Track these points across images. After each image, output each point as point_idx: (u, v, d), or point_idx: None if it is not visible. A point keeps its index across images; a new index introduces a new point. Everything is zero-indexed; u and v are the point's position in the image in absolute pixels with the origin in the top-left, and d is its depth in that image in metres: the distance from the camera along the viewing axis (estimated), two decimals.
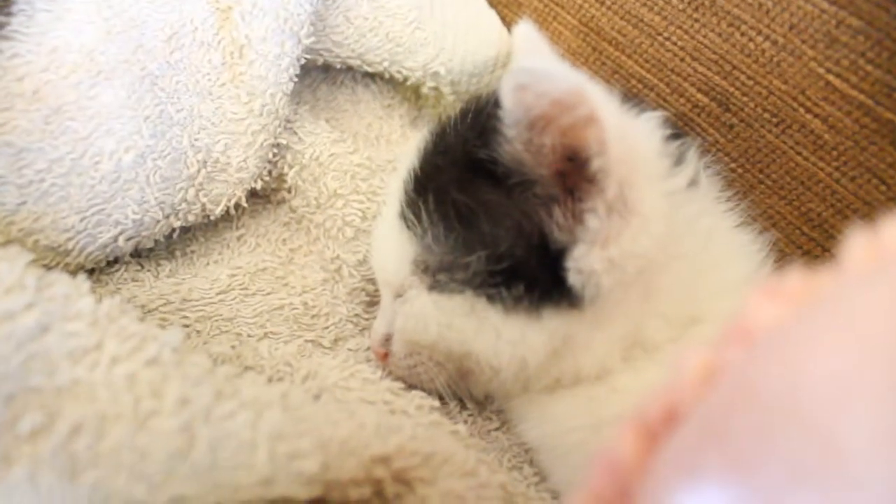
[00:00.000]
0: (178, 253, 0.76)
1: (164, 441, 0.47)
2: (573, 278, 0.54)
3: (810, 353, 0.29)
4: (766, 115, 0.70)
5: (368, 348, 0.72)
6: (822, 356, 0.28)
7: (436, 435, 0.53)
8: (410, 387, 0.65)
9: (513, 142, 0.54)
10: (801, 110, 0.67)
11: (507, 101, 0.51)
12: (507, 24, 0.91)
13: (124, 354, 0.51)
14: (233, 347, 0.66)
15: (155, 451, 0.47)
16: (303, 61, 0.75)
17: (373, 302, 0.76)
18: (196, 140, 0.70)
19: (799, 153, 0.69)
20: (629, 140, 0.52)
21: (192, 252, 0.77)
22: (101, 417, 0.48)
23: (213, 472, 0.47)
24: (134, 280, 0.72)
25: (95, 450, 0.47)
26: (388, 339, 0.67)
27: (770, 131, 0.70)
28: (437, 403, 0.61)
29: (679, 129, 0.66)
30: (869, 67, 0.62)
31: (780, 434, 0.27)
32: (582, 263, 0.53)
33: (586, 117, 0.49)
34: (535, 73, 0.50)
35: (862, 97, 0.63)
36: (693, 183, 0.59)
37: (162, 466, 0.46)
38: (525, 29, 0.78)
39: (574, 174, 0.53)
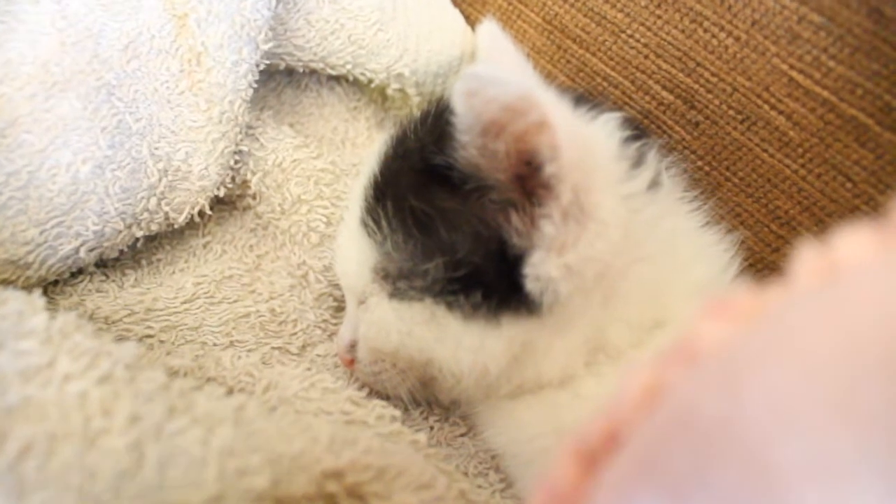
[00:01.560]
0: (143, 262, 0.76)
1: (113, 460, 0.47)
2: (531, 285, 0.53)
3: (753, 376, 0.28)
4: (731, 112, 0.69)
5: (336, 354, 0.71)
6: (764, 379, 0.28)
7: (392, 447, 0.53)
8: (373, 395, 0.64)
9: (467, 147, 0.53)
10: (766, 107, 0.67)
11: (459, 106, 0.51)
12: (471, 22, 0.90)
13: (77, 372, 0.50)
14: (196, 357, 0.66)
15: (103, 470, 0.46)
16: (262, 66, 0.74)
17: (340, 307, 0.76)
18: (156, 149, 0.69)
19: (765, 150, 0.68)
20: (584, 144, 0.52)
21: (158, 260, 0.76)
22: (50, 437, 0.47)
23: (162, 490, 0.47)
24: (98, 291, 0.72)
25: (44, 470, 0.46)
26: (353, 346, 0.66)
27: (735, 128, 0.69)
28: (397, 413, 0.60)
29: (640, 129, 0.65)
30: (831, 63, 0.62)
31: (717, 464, 0.27)
32: (539, 270, 0.53)
33: (537, 122, 0.49)
34: (484, 78, 0.49)
35: (825, 93, 0.63)
36: (654, 184, 0.59)
37: (110, 485, 0.46)
38: (489, 27, 0.77)
39: (531, 179, 0.52)
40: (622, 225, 0.54)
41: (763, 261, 0.73)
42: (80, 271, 0.72)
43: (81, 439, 0.47)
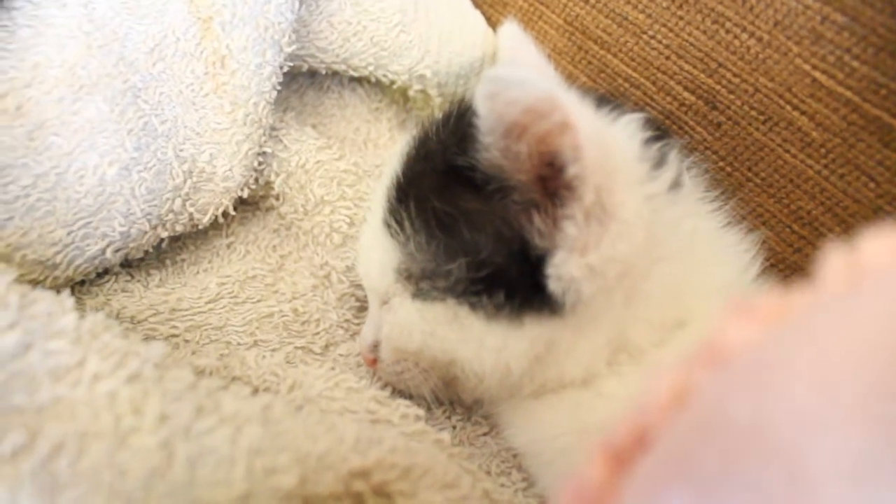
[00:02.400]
0: (168, 262, 0.77)
1: (144, 458, 0.47)
2: (553, 285, 0.54)
3: (780, 379, 0.28)
4: (753, 113, 0.69)
5: (359, 354, 0.72)
6: (791, 382, 0.28)
7: (417, 446, 0.53)
8: (396, 394, 0.65)
9: (490, 149, 0.53)
10: (788, 108, 0.66)
11: (481, 109, 0.51)
12: (493, 24, 0.90)
13: (106, 371, 0.51)
14: (221, 356, 0.66)
15: (134, 468, 0.47)
16: (286, 69, 0.74)
17: (363, 307, 0.76)
18: (181, 151, 0.70)
19: (787, 151, 0.68)
20: (606, 145, 0.52)
21: (182, 261, 0.77)
22: (81, 436, 0.48)
23: (192, 488, 0.47)
24: (124, 291, 0.72)
25: (75, 468, 0.47)
26: (376, 346, 0.67)
27: (757, 129, 0.69)
28: (421, 412, 0.61)
29: (662, 129, 0.65)
30: (855, 63, 0.61)
31: (747, 463, 0.27)
32: (562, 270, 0.53)
33: (560, 124, 0.49)
34: (506, 80, 0.49)
35: (849, 94, 0.62)
36: (675, 185, 0.59)
37: (140, 484, 0.47)
38: (510, 29, 0.77)
39: (554, 179, 0.53)
40: (644, 225, 0.54)
41: (785, 261, 0.73)
42: (106, 271, 0.73)
43: (112, 438, 0.48)
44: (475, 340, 0.58)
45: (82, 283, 0.72)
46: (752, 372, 0.31)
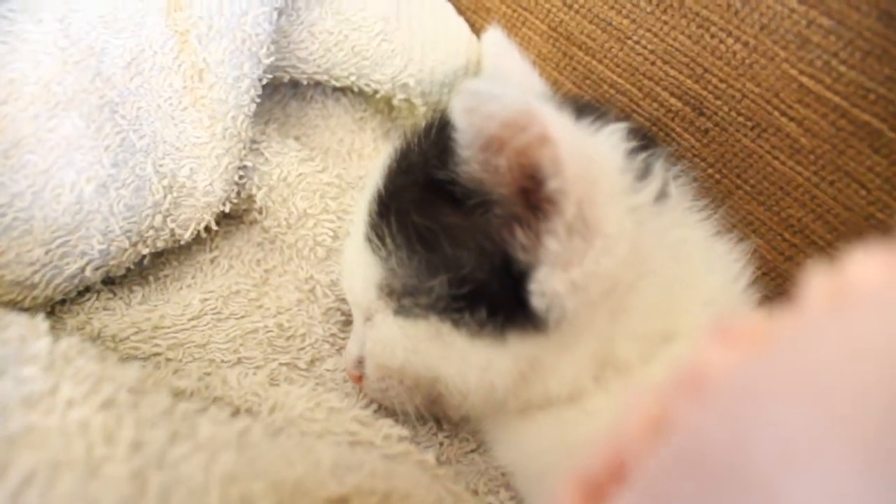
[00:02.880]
0: (150, 278, 0.76)
1: (116, 488, 0.46)
2: (537, 301, 0.52)
3: (757, 410, 0.27)
4: (741, 119, 0.68)
5: (345, 369, 0.71)
6: (769, 413, 0.27)
7: (398, 469, 0.52)
8: (381, 413, 0.64)
9: (469, 162, 0.52)
10: (776, 113, 0.65)
11: (459, 122, 0.50)
12: (476, 30, 0.89)
13: (79, 398, 0.50)
14: (202, 377, 0.66)
15: (106, 499, 0.46)
16: (266, 80, 0.73)
17: (348, 321, 0.75)
18: (160, 166, 0.69)
19: (776, 157, 0.67)
20: (587, 157, 0.51)
21: (165, 276, 0.76)
22: (53, 465, 0.47)
23: None
24: (105, 309, 0.71)
25: (47, 499, 0.46)
26: (361, 362, 0.66)
27: (745, 135, 0.68)
28: (405, 432, 0.60)
29: (648, 137, 0.64)
30: (842, 68, 0.60)
31: (726, 500, 0.26)
32: (545, 286, 0.52)
33: (539, 137, 0.48)
34: (483, 94, 0.48)
35: (837, 99, 0.61)
36: (661, 195, 0.57)
37: None
38: (494, 35, 0.76)
39: (536, 192, 0.52)
40: (629, 238, 0.53)
41: (776, 269, 0.71)
42: (87, 289, 0.72)
43: (84, 468, 0.47)
44: (458, 358, 0.57)
45: (63, 301, 0.70)
46: (732, 401, 0.30)
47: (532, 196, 0.52)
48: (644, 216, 0.55)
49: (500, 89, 0.49)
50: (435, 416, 0.68)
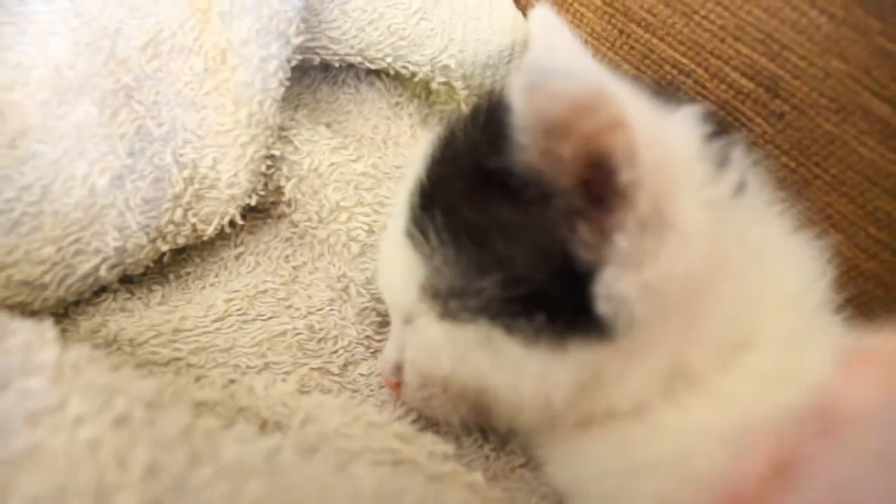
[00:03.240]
0: (171, 276, 0.71)
1: None
2: (603, 306, 0.46)
3: None
4: (823, 101, 0.61)
5: (380, 374, 0.66)
6: None
7: (446, 493, 0.47)
8: (423, 423, 0.59)
9: (527, 150, 0.46)
10: (866, 94, 0.59)
11: (519, 104, 0.44)
12: (522, 7, 0.83)
13: (90, 414, 0.45)
14: (228, 383, 0.61)
15: None
16: (295, 62, 0.68)
17: (385, 322, 0.70)
18: (181, 156, 0.64)
19: (863, 143, 0.60)
20: (663, 144, 0.45)
21: (187, 274, 0.71)
22: (59, 491, 0.42)
23: None
24: (122, 310, 0.66)
25: None
26: (399, 368, 0.60)
27: (828, 119, 0.62)
28: (450, 450, 0.54)
29: (722, 122, 0.58)
30: None
31: None
32: (612, 289, 0.46)
33: (611, 121, 0.42)
34: (548, 70, 0.42)
35: None
36: (740, 187, 0.52)
37: None
38: (542, 13, 0.70)
39: (601, 183, 0.46)
40: (707, 235, 0.47)
41: (858, 268, 0.65)
42: (103, 289, 0.67)
43: (93, 496, 0.42)
44: (511, 367, 0.51)
45: (77, 302, 0.66)
46: (874, 443, 0.24)
47: (598, 187, 0.46)
48: (723, 210, 0.49)
49: (567, 64, 0.43)
50: (480, 428, 0.63)
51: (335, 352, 0.68)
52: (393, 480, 0.46)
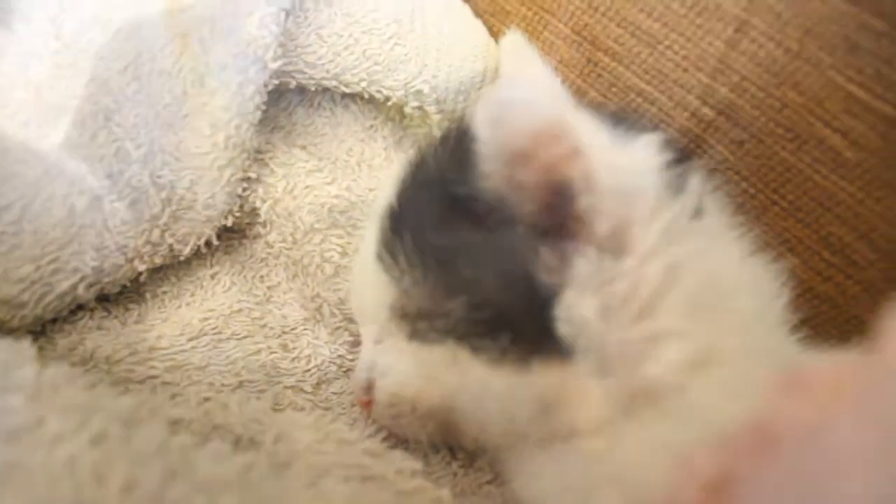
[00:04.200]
0: (147, 295, 0.71)
1: None
2: (564, 328, 0.48)
3: (840, 473, 0.24)
4: (780, 130, 0.64)
5: (352, 392, 0.67)
6: (854, 477, 0.23)
7: None
8: (394, 442, 0.60)
9: (492, 177, 0.48)
10: (819, 124, 0.61)
11: (482, 134, 0.46)
12: (495, 34, 0.85)
13: (68, 432, 0.46)
14: (203, 401, 0.61)
15: None
16: (271, 86, 0.69)
17: (357, 342, 0.71)
18: (158, 177, 0.65)
19: (817, 171, 0.63)
20: (621, 171, 0.47)
21: (164, 293, 0.72)
22: None
23: None
24: (99, 328, 0.67)
25: None
26: (370, 386, 0.62)
27: (784, 147, 0.64)
28: (418, 466, 0.55)
29: (682, 150, 0.60)
30: (895, 76, 0.56)
31: None
32: (573, 311, 0.48)
33: (570, 151, 0.44)
34: (509, 103, 0.44)
35: (887, 108, 0.57)
36: (698, 212, 0.54)
37: None
38: (513, 40, 0.72)
39: (562, 209, 0.48)
40: (663, 259, 0.49)
41: (813, 290, 0.67)
42: (80, 308, 0.68)
43: None
44: (477, 387, 0.53)
45: (54, 320, 0.66)
46: (812, 460, 0.26)
47: (559, 213, 0.48)
48: (679, 235, 0.51)
49: (528, 96, 0.45)
50: (449, 445, 0.64)
51: (308, 370, 0.69)
52: (362, 496, 0.47)
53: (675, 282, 0.51)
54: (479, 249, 0.51)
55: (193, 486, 0.45)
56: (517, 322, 0.50)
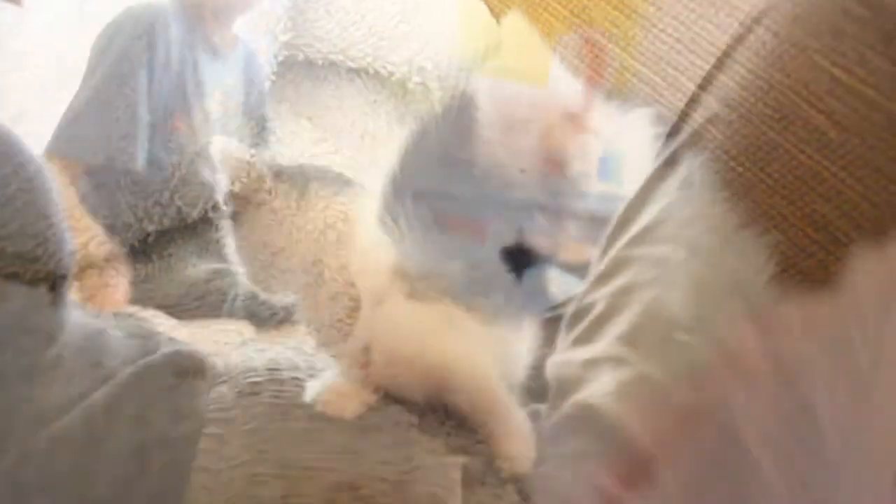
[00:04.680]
0: (154, 257, 0.74)
1: (115, 465, 0.45)
2: (555, 287, 0.51)
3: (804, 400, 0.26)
4: (767, 111, 0.66)
5: (351, 355, 0.69)
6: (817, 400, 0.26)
7: (408, 457, 0.51)
8: (390, 400, 0.62)
9: (491, 144, 0.51)
10: (805, 105, 0.63)
11: (483, 103, 0.49)
12: (496, 14, 0.86)
13: (80, 371, 0.49)
14: (207, 356, 0.64)
15: (104, 475, 0.45)
16: (281, 58, 0.72)
17: (357, 306, 0.73)
18: (169, 142, 0.67)
19: (802, 151, 0.65)
20: (613, 139, 0.49)
21: (170, 255, 0.74)
22: (52, 440, 0.46)
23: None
24: (107, 286, 0.69)
25: (45, 475, 0.45)
26: (368, 348, 0.64)
27: (771, 127, 0.66)
28: (414, 419, 0.58)
29: (673, 126, 0.62)
30: (877, 60, 0.58)
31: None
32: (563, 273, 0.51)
33: (565, 118, 0.46)
34: (508, 74, 0.47)
35: (870, 92, 0.59)
36: (686, 184, 0.56)
37: (110, 495, 0.44)
38: (514, 20, 0.74)
39: (559, 174, 0.50)
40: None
41: (796, 266, 0.69)
42: (90, 266, 0.70)
43: (83, 443, 0.45)
44: (472, 344, 0.56)
45: (63, 277, 0.68)
46: (779, 387, 0.29)
47: (553, 178, 0.51)
48: (668, 204, 0.54)
49: (525, 69, 0.47)
50: (443, 405, 0.66)
51: (308, 333, 0.71)
52: (360, 441, 0.50)
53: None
54: (478, 213, 0.54)
55: (203, 423, 0.48)
56: (511, 281, 0.53)
